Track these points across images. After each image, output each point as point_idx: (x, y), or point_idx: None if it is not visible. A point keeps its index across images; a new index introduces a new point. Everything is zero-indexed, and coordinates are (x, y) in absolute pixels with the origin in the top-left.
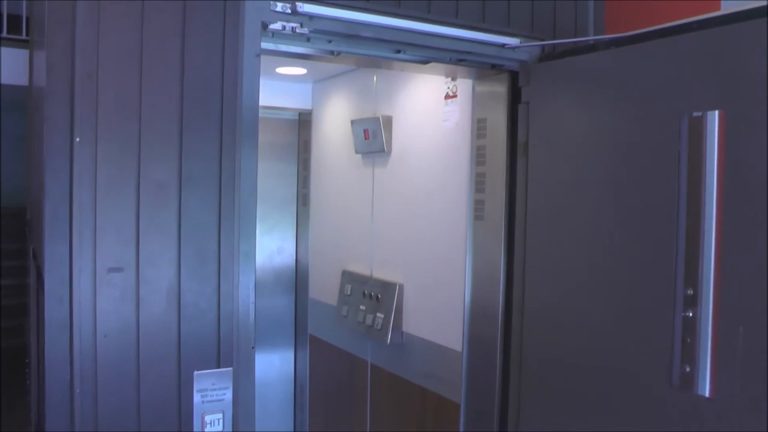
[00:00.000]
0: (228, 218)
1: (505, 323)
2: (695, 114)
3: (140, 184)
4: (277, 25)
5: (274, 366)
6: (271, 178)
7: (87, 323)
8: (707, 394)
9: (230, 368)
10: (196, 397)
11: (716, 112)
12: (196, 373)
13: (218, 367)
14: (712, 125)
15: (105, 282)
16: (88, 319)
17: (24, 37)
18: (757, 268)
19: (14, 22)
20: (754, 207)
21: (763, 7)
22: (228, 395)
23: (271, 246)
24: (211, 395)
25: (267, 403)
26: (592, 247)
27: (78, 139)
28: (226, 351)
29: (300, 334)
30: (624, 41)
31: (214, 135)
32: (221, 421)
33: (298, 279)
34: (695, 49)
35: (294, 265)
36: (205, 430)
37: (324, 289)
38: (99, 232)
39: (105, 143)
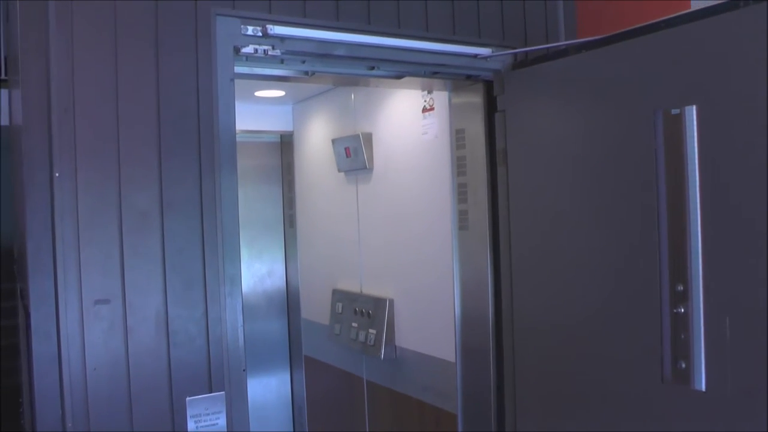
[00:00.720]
0: (212, 242)
1: (496, 331)
2: (674, 111)
3: (122, 213)
4: (249, 49)
5: (272, 389)
6: (257, 202)
7: (76, 357)
8: (703, 388)
9: (222, 392)
10: (190, 423)
11: (693, 107)
12: (188, 399)
13: (210, 392)
14: (690, 120)
15: (92, 314)
16: (76, 353)
17: (3, 77)
18: (738, 259)
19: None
20: (728, 199)
21: (729, 2)
22: (222, 419)
23: (261, 269)
24: (205, 420)
25: (266, 426)
26: (577, 250)
27: (57, 174)
28: (218, 375)
29: (295, 356)
30: (595, 44)
31: (193, 160)
32: None
33: (289, 300)
34: (665, 47)
35: (285, 287)
36: None
37: (316, 308)
38: (83, 265)
39: (85, 175)
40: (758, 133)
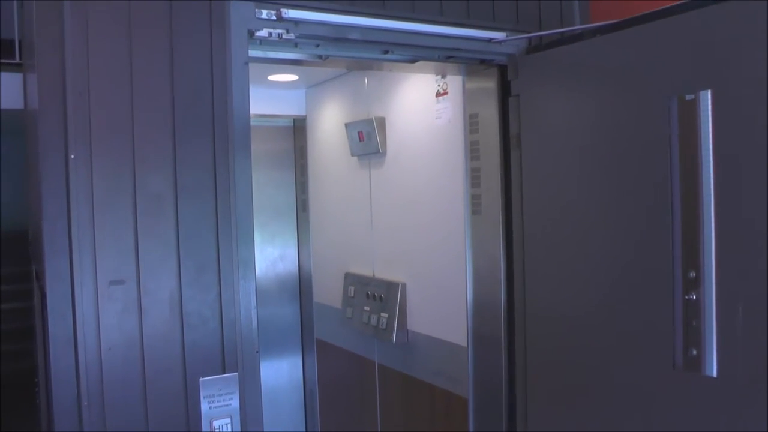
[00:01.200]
0: (225, 226)
1: (507, 316)
2: (688, 97)
3: (137, 196)
4: (263, 32)
5: (283, 372)
6: (269, 186)
7: (91, 337)
8: (714, 375)
9: (236, 373)
10: (204, 404)
11: (708, 92)
12: (202, 379)
13: (224, 373)
14: (705, 105)
15: (107, 295)
16: (91, 333)
17: (17, 60)
18: (752, 246)
19: (8, 47)
20: (742, 185)
21: None
22: (235, 400)
23: (274, 253)
24: (218, 401)
25: (278, 409)
26: (589, 236)
27: (73, 156)
28: (231, 356)
29: (307, 339)
30: (609, 29)
31: (207, 144)
32: (229, 425)
33: (302, 284)
34: (680, 32)
35: (297, 271)
36: None
37: (328, 292)
38: (98, 246)
39: (100, 158)
40: None
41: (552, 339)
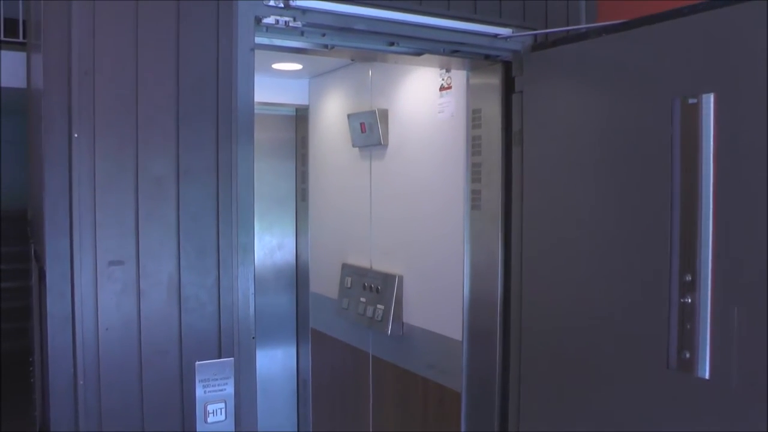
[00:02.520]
0: (226, 211)
1: (504, 311)
2: (691, 101)
3: (139, 178)
4: (270, 20)
5: (277, 361)
6: (269, 175)
7: (89, 317)
8: (707, 377)
9: (231, 358)
10: (198, 387)
11: (711, 95)
12: (197, 363)
13: (219, 358)
14: (708, 108)
15: (106, 275)
16: (89, 313)
17: (21, 39)
18: (748, 250)
19: (11, 26)
20: (740, 189)
21: None
22: (230, 385)
23: (272, 242)
24: (212, 385)
25: (271, 397)
26: (589, 235)
27: (76, 135)
28: (227, 342)
29: (302, 329)
30: (615, 29)
31: (210, 129)
32: (223, 410)
33: (298, 274)
34: (686, 34)
35: (294, 260)
36: (208, 419)
37: (325, 282)
38: (99, 226)
39: (103, 139)
40: None
41: (547, 336)
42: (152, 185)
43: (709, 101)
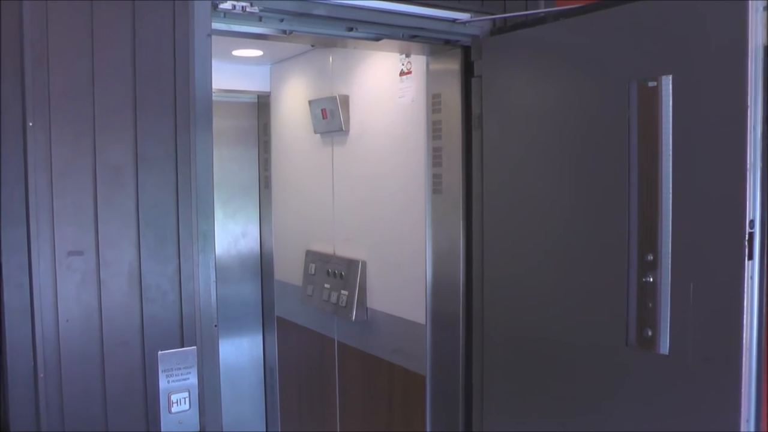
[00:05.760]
0: (185, 198)
1: (466, 295)
2: (651, 84)
3: (96, 166)
4: (227, 5)
5: (244, 350)
6: (232, 163)
7: (48, 308)
8: (667, 353)
9: (194, 347)
10: (162, 377)
11: (669, 77)
12: (160, 353)
13: (182, 347)
14: (667, 90)
15: (65, 266)
16: (48, 305)
17: None
18: (704, 226)
19: None
20: (697, 167)
21: None
22: (193, 374)
23: (236, 230)
24: (176, 375)
25: (238, 386)
26: (548, 218)
27: (31, 124)
28: (190, 330)
29: (267, 317)
30: (573, 13)
31: (168, 116)
32: (187, 399)
33: (263, 262)
34: (642, 17)
35: (259, 248)
36: (172, 409)
37: (289, 270)
38: (57, 216)
39: (59, 127)
40: (731, 105)
41: (509, 317)
42: (110, 173)
43: (668, 83)
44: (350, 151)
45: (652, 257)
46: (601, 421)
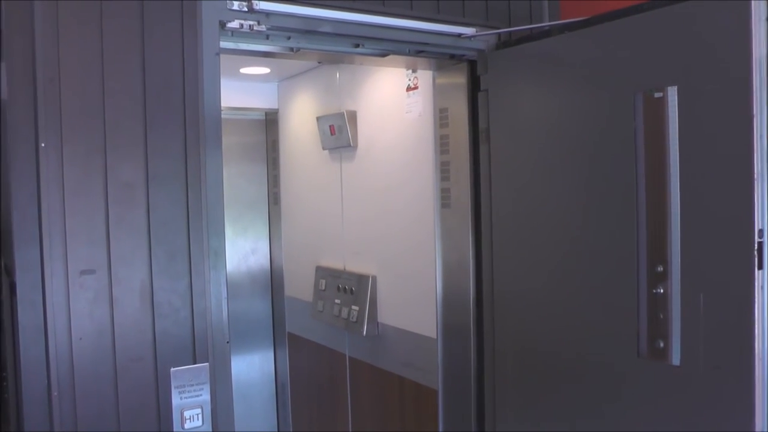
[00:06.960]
0: (196, 215)
1: (477, 308)
2: (657, 95)
3: (108, 185)
4: (234, 24)
5: (255, 366)
6: (241, 179)
7: (62, 327)
8: (678, 363)
9: (206, 363)
10: (174, 394)
11: (675, 88)
12: (172, 369)
13: (194, 363)
14: (673, 101)
15: (78, 284)
16: (62, 323)
17: None
18: (713, 237)
19: None
20: (705, 178)
21: None
22: (206, 390)
23: (246, 247)
24: (188, 391)
25: (250, 403)
26: (557, 230)
27: (43, 144)
28: (202, 347)
29: (278, 333)
30: (578, 25)
31: (178, 134)
32: (200, 415)
33: (273, 278)
34: (647, 29)
35: (269, 264)
36: (185, 425)
37: (299, 285)
38: (69, 235)
39: (71, 146)
40: (737, 114)
41: (520, 329)
42: (122, 191)
43: (674, 94)
44: (358, 166)
45: (662, 268)
46: None
